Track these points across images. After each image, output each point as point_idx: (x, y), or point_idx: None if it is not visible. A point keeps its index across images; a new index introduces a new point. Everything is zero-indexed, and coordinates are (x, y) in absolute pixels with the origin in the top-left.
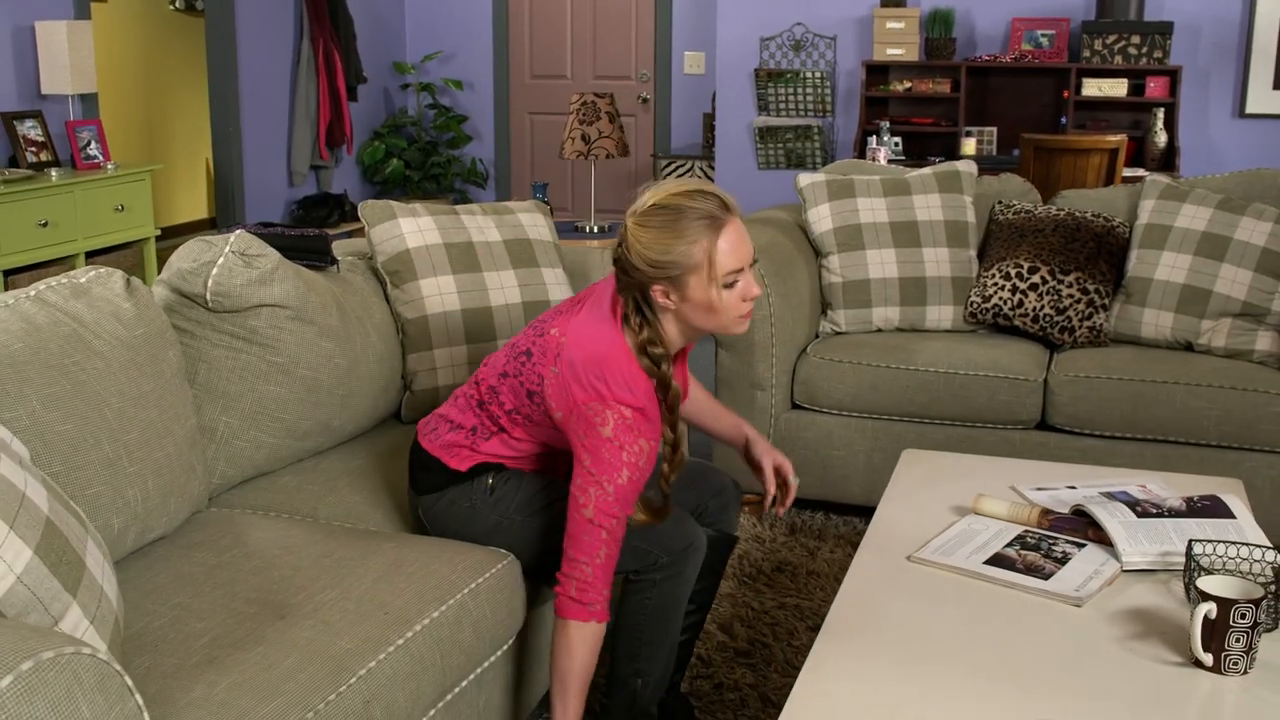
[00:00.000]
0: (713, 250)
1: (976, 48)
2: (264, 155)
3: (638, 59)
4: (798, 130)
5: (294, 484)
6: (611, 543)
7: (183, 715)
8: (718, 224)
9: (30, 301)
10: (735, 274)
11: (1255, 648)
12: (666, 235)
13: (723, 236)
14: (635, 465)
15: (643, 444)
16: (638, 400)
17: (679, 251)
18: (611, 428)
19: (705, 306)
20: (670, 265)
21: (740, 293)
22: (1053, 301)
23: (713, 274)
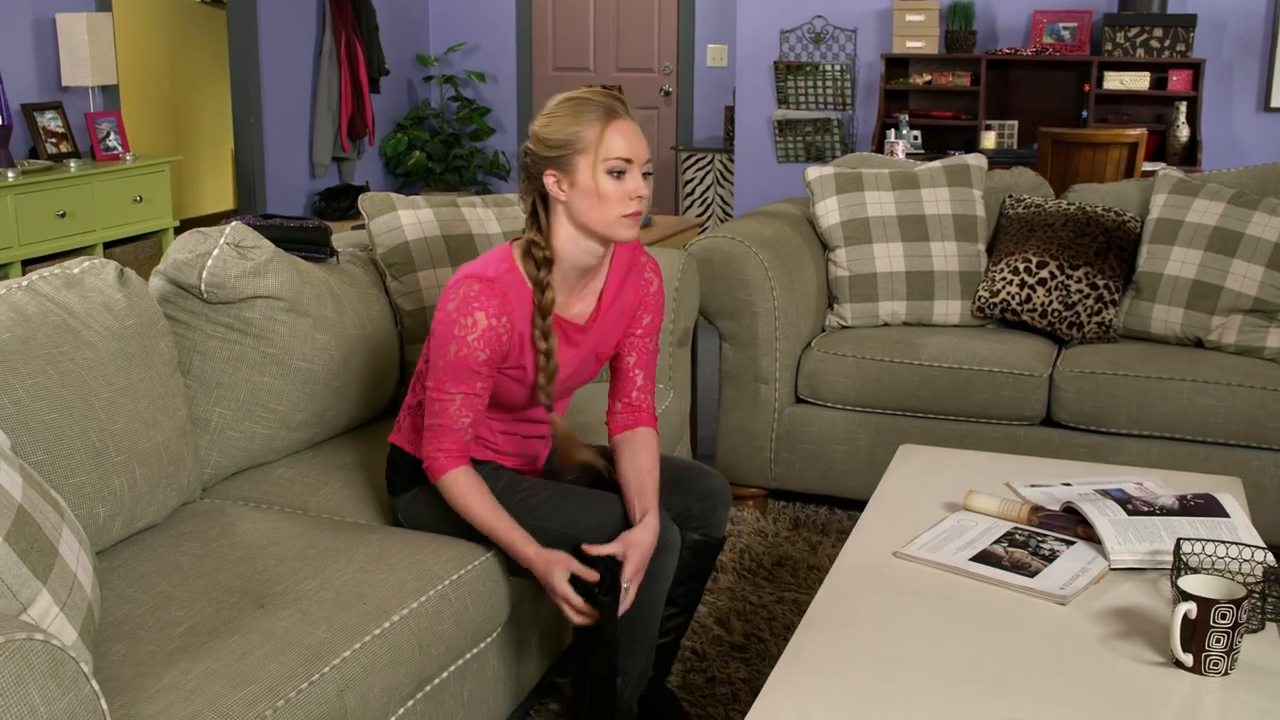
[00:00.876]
0: (604, 132)
1: (997, 41)
2: (286, 147)
3: (660, 51)
4: (817, 123)
5: (288, 476)
6: (444, 414)
7: (152, 702)
8: (613, 114)
9: (21, 291)
10: (623, 162)
11: (1237, 649)
12: (564, 117)
13: (615, 124)
14: (464, 340)
15: (479, 317)
16: (488, 272)
17: (572, 131)
18: (456, 304)
19: (591, 193)
20: (563, 145)
21: (625, 187)
22: (1061, 297)
23: (600, 154)
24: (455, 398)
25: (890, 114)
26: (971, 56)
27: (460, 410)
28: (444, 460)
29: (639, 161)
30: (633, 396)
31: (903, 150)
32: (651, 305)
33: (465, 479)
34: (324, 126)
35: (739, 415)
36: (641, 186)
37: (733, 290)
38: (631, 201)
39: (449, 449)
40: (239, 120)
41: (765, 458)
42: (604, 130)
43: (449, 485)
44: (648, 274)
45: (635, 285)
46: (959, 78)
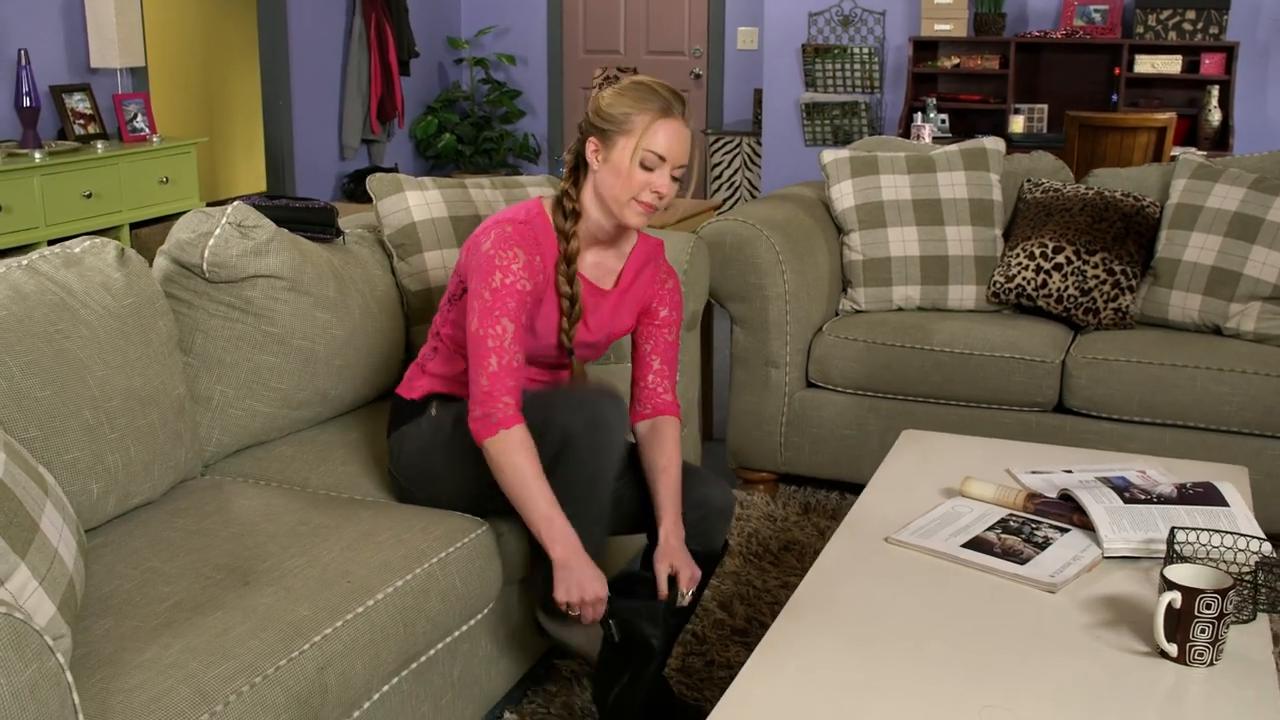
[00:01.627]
0: (651, 125)
1: (1028, 23)
2: (315, 129)
3: (691, 34)
4: (844, 106)
5: (289, 454)
6: (500, 350)
7: (130, 676)
8: (669, 112)
9: (21, 270)
10: (657, 159)
11: (1223, 639)
12: (625, 98)
13: (666, 122)
14: (508, 269)
15: (518, 252)
16: (519, 216)
17: (625, 113)
18: (491, 242)
19: (617, 172)
20: (612, 120)
21: (650, 180)
22: (1077, 282)
23: (639, 143)
24: (508, 329)
25: (918, 97)
26: (1001, 39)
27: (514, 345)
28: (507, 411)
29: (673, 163)
30: (648, 380)
31: (929, 134)
32: (669, 300)
33: (528, 440)
34: (353, 109)
35: (749, 399)
36: (665, 185)
37: (744, 274)
38: (649, 193)
39: (513, 394)
40: (268, 102)
41: (775, 442)
42: (653, 122)
43: (510, 447)
44: (664, 272)
45: (651, 278)
46: (988, 61)
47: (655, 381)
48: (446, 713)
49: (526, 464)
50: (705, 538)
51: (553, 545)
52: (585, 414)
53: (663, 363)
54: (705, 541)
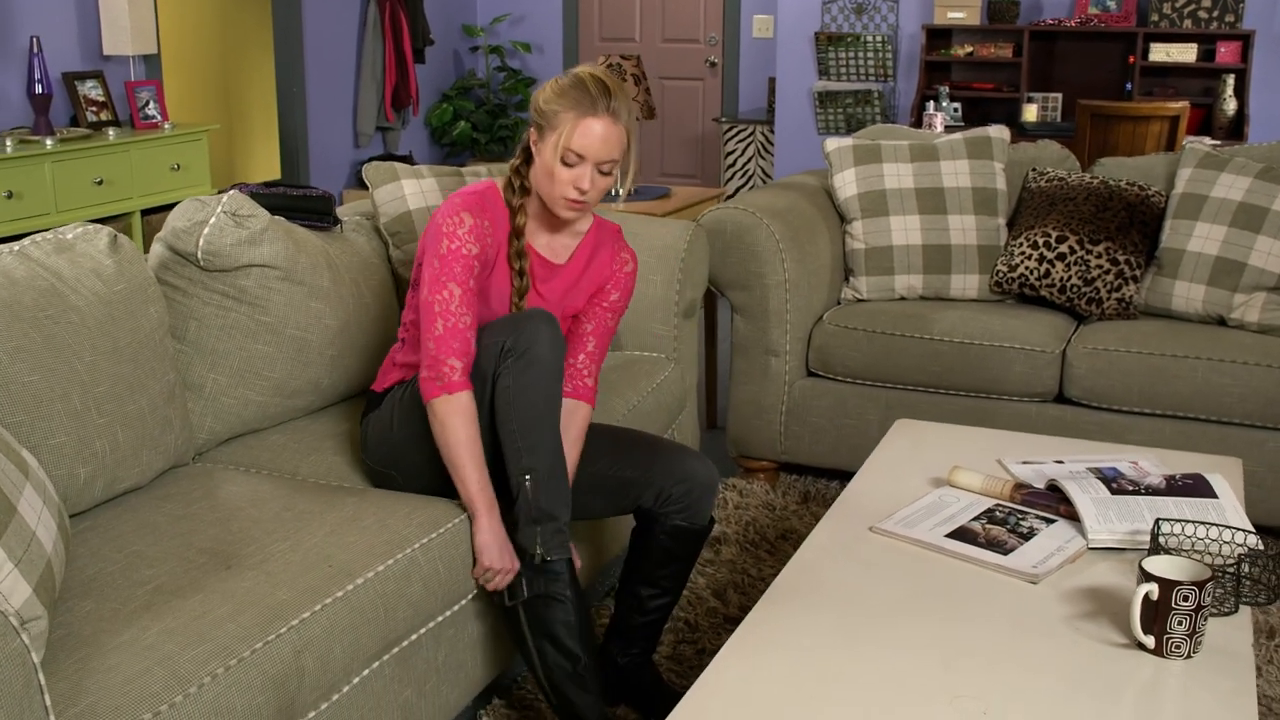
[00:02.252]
0: (574, 124)
1: (1042, 11)
2: (330, 116)
3: (706, 22)
4: (858, 95)
5: (280, 442)
6: (446, 314)
7: (107, 657)
8: (593, 111)
9: (12, 256)
10: (576, 157)
11: (1201, 631)
12: (557, 94)
13: (588, 122)
14: (454, 234)
15: (464, 217)
16: (471, 190)
17: (552, 110)
18: (443, 213)
19: (544, 168)
20: (544, 115)
21: (573, 178)
22: (1080, 272)
23: (560, 142)
24: (454, 292)
25: (931, 86)
26: (1014, 27)
27: (461, 308)
28: (455, 375)
29: (594, 161)
30: (579, 360)
31: (941, 122)
32: (622, 285)
33: (471, 407)
34: (368, 96)
35: (749, 388)
36: (586, 182)
37: (744, 262)
38: (573, 189)
39: (460, 356)
40: (282, 90)
41: (775, 431)
42: (575, 122)
43: (453, 409)
44: (624, 255)
45: (608, 259)
46: (1001, 49)
47: (585, 363)
48: (431, 697)
49: (464, 430)
50: (691, 513)
51: (478, 519)
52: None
53: (596, 345)
54: (691, 517)
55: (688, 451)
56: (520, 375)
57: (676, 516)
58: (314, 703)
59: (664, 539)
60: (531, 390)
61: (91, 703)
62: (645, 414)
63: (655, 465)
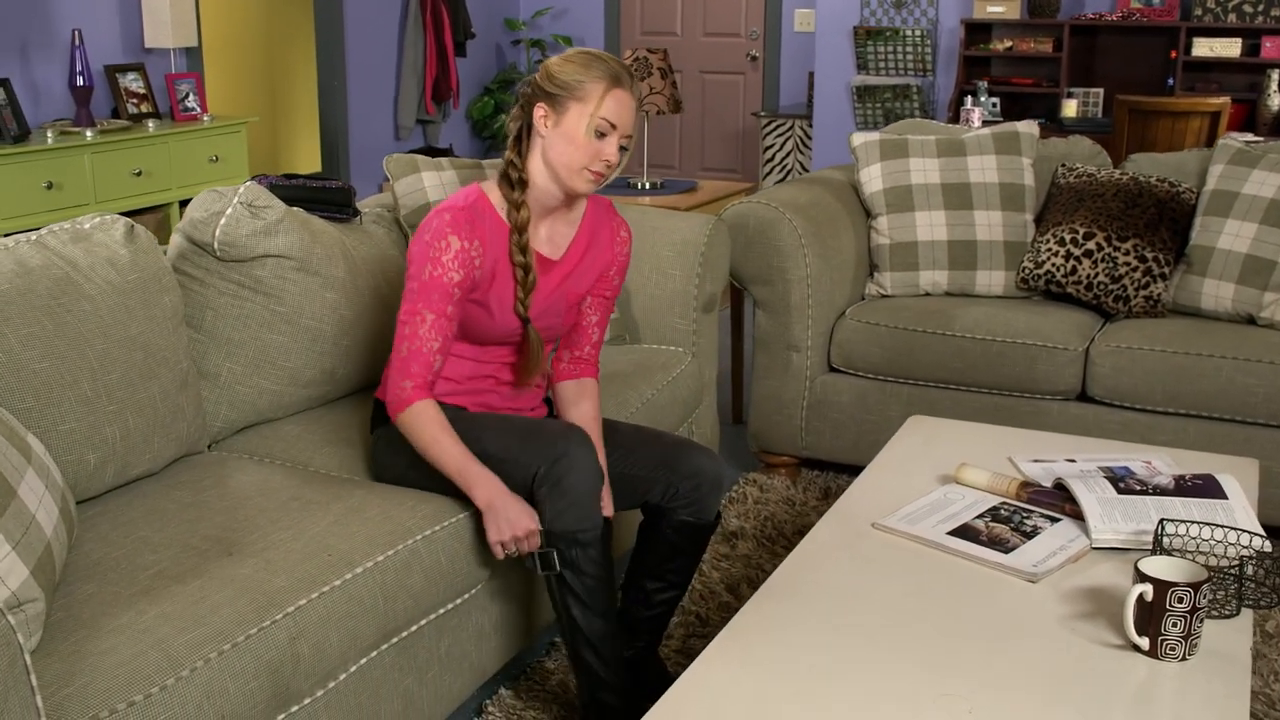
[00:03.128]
0: (606, 95)
1: (1084, 5)
2: (371, 109)
3: (748, 16)
4: (896, 89)
5: (294, 432)
6: (413, 338)
7: (103, 640)
8: (621, 81)
9: (29, 245)
10: (609, 127)
11: (1196, 633)
12: (577, 66)
13: (619, 90)
14: (438, 260)
15: (452, 240)
16: (458, 203)
17: (576, 80)
18: (430, 233)
19: (569, 138)
20: (565, 86)
21: (601, 147)
22: (1108, 269)
23: (593, 111)
24: (426, 319)
25: (970, 81)
26: (1055, 22)
27: (430, 333)
28: (410, 391)
29: (622, 131)
30: (585, 350)
31: (979, 118)
32: (620, 264)
33: (431, 410)
34: (409, 89)
35: (771, 383)
36: (614, 154)
37: (766, 256)
38: (599, 161)
39: (417, 378)
40: (323, 83)
41: (796, 426)
42: (607, 91)
43: (414, 417)
44: (622, 233)
45: (608, 240)
46: (1041, 44)
47: (590, 352)
48: (432, 686)
49: (432, 426)
50: (698, 508)
51: (474, 489)
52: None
53: (599, 329)
54: (698, 512)
55: (696, 447)
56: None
57: (684, 512)
58: (310, 689)
59: (670, 534)
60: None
61: (84, 684)
62: (660, 407)
63: (663, 461)
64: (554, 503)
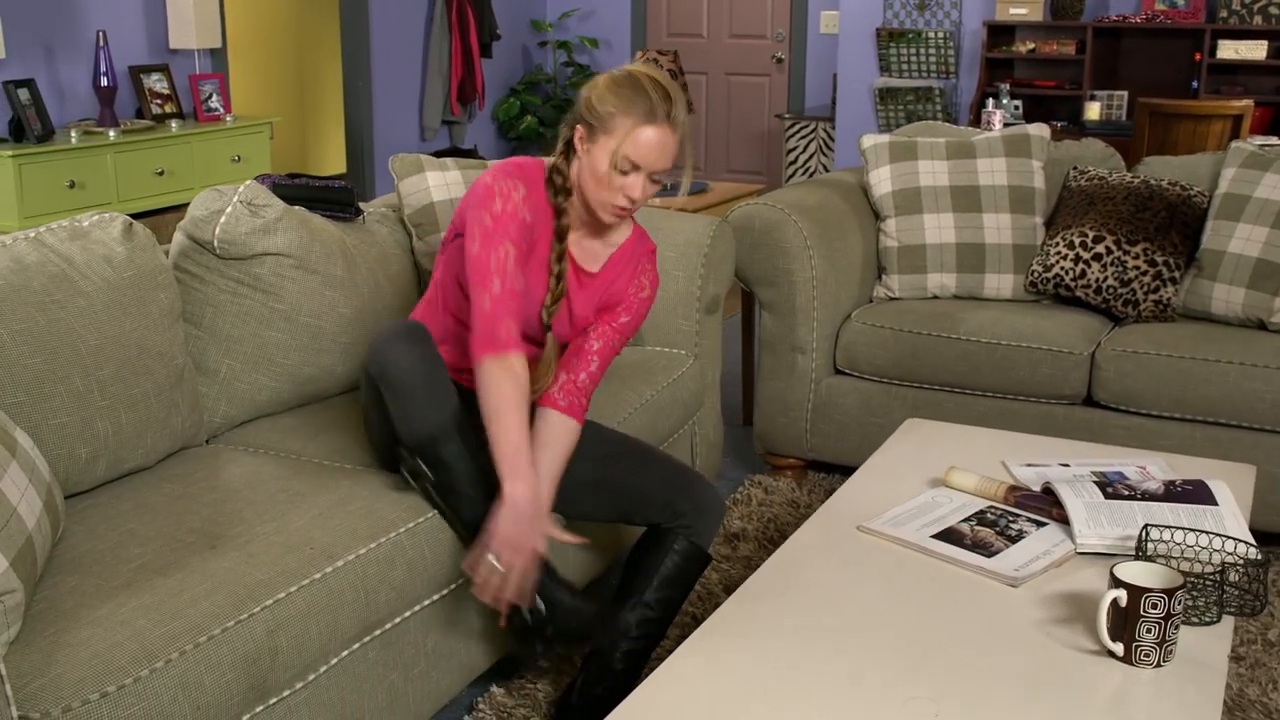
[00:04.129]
0: (632, 132)
1: (1108, 7)
2: (396, 110)
3: (774, 18)
4: (919, 92)
5: (292, 424)
6: (503, 273)
7: (81, 631)
8: (653, 119)
9: (26, 242)
10: (632, 166)
11: (1172, 640)
12: (613, 95)
13: (648, 130)
14: (509, 197)
15: (519, 184)
16: (529, 164)
17: (610, 113)
18: (491, 175)
19: (594, 171)
20: (597, 116)
21: (624, 186)
22: (1117, 273)
23: (616, 149)
24: (509, 251)
25: (992, 83)
26: (1078, 24)
27: (515, 270)
28: (507, 336)
29: (649, 171)
30: (580, 378)
31: (1000, 120)
32: (634, 310)
33: (520, 372)
34: (434, 90)
35: (776, 385)
36: (639, 191)
37: (771, 258)
38: (623, 198)
39: (513, 325)
40: (348, 83)
41: (801, 428)
42: (635, 129)
43: (502, 372)
44: (644, 279)
45: (630, 277)
46: (1064, 46)
47: (585, 383)
48: (419, 682)
49: (513, 393)
50: (697, 535)
51: (513, 480)
52: None
53: (599, 367)
54: (697, 538)
55: (700, 478)
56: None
57: (685, 537)
58: (288, 681)
59: (676, 557)
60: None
61: (59, 674)
62: (659, 408)
63: (676, 482)
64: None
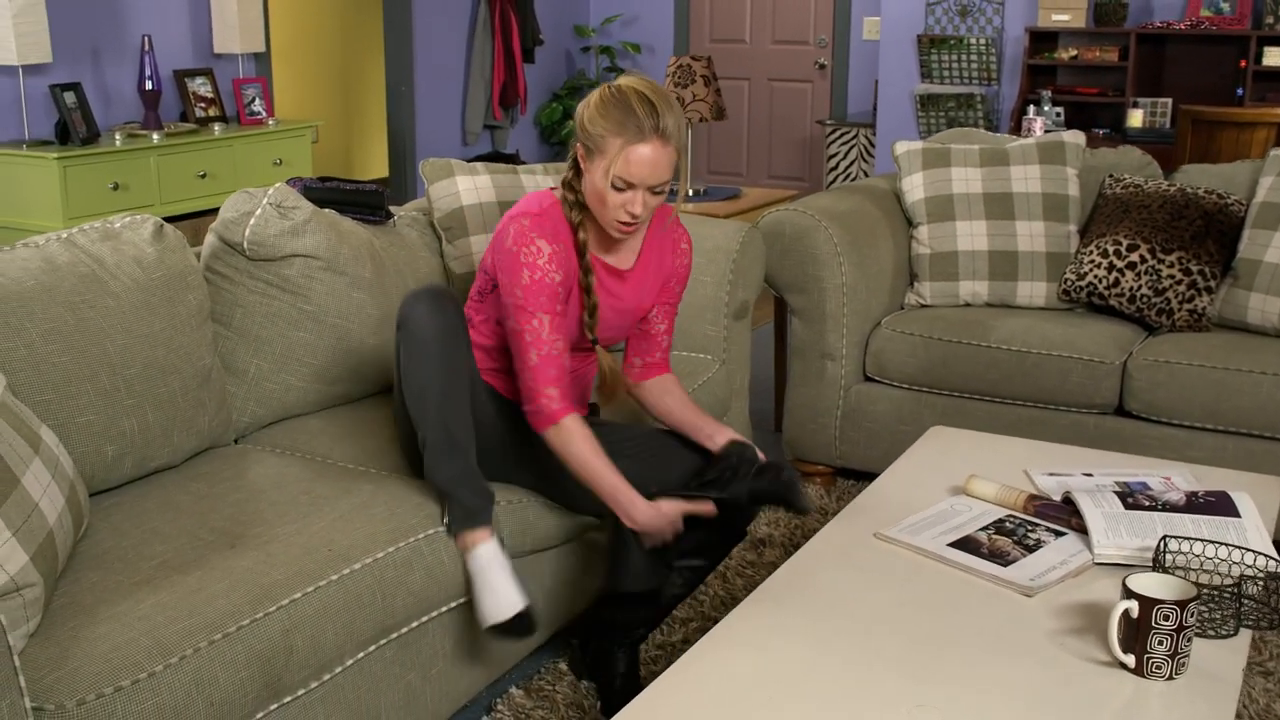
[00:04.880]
0: (623, 151)
1: (1153, 14)
2: (438, 114)
3: (817, 24)
4: (960, 98)
5: (319, 426)
6: (538, 344)
7: (99, 626)
8: (642, 137)
9: (59, 243)
10: (626, 184)
11: (1184, 652)
12: (602, 116)
13: (639, 148)
14: (535, 265)
15: (541, 245)
16: (533, 209)
17: (601, 135)
18: (512, 238)
19: (595, 190)
20: (590, 137)
21: (623, 202)
22: (1151, 282)
23: (608, 169)
24: (543, 322)
25: (1034, 90)
26: (1122, 30)
27: (552, 336)
28: (557, 404)
29: (644, 186)
30: (656, 356)
31: (1040, 127)
32: (682, 274)
33: (579, 429)
34: (476, 94)
35: (806, 391)
36: (639, 206)
37: (802, 264)
38: (624, 213)
39: (558, 389)
40: (391, 87)
41: (830, 435)
42: (625, 149)
43: (567, 435)
44: (683, 244)
45: (671, 249)
46: (1107, 53)
47: (662, 356)
48: (437, 683)
49: (585, 449)
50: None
51: (631, 513)
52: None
53: (668, 335)
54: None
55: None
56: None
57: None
58: (303, 680)
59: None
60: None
61: (75, 667)
62: None
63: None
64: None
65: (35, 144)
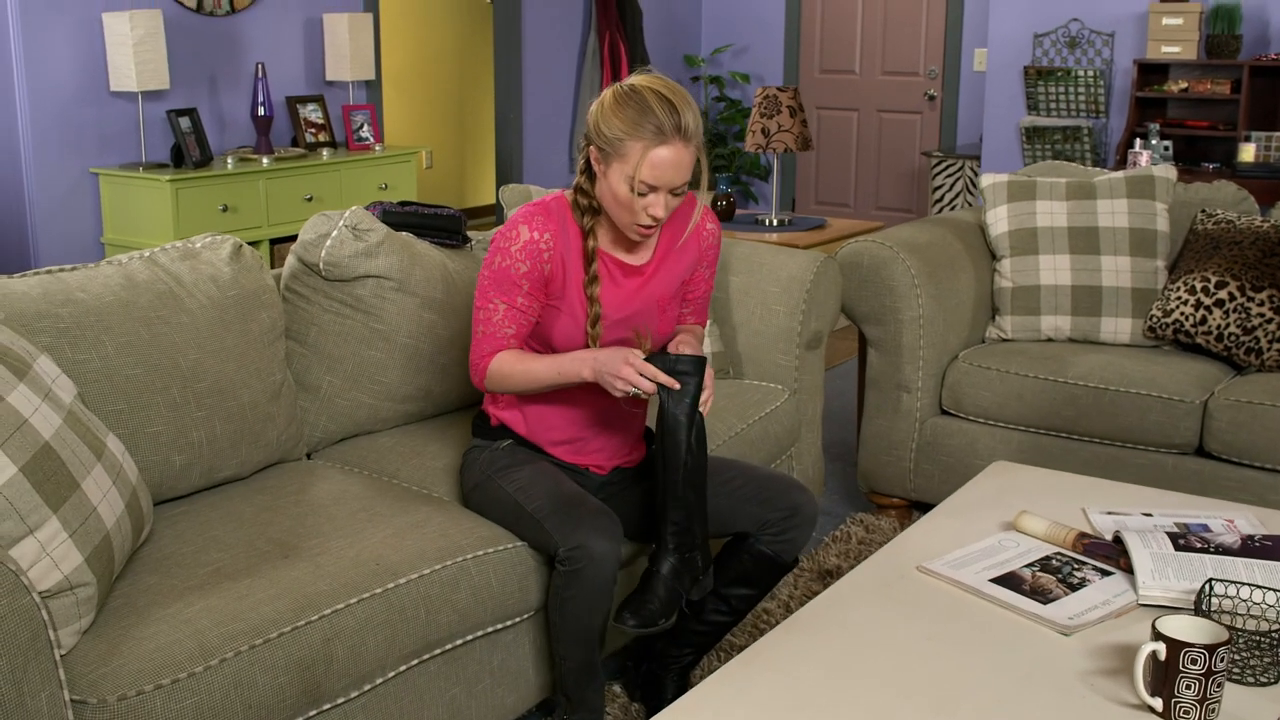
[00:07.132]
0: (644, 155)
1: (1269, 45)
2: (546, 141)
3: (926, 55)
4: (1066, 131)
5: (389, 444)
6: (488, 324)
7: (149, 625)
8: (662, 138)
9: (140, 261)
10: (649, 187)
11: (1214, 697)
12: (619, 118)
13: (660, 150)
14: (506, 250)
15: (522, 230)
16: (540, 202)
17: (619, 138)
18: (506, 225)
19: (614, 195)
20: (606, 141)
21: (645, 205)
22: (1240, 320)
23: (631, 174)
24: (499, 307)
25: (1142, 123)
26: (1234, 63)
27: (504, 321)
28: (484, 359)
29: (667, 188)
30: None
31: (1146, 161)
32: (710, 257)
33: (506, 356)
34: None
35: (881, 422)
36: (660, 209)
37: (879, 295)
38: (646, 217)
39: (475, 363)
40: (500, 115)
41: (905, 467)
42: (646, 152)
43: (495, 370)
44: (709, 226)
45: (695, 233)
46: (1219, 85)
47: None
48: (482, 699)
49: (515, 365)
50: (784, 545)
51: (583, 371)
52: (578, 539)
53: (696, 318)
54: (781, 549)
55: (794, 483)
56: (566, 589)
57: (767, 546)
58: (344, 689)
59: (747, 561)
60: (573, 603)
61: (120, 664)
62: (749, 441)
63: (761, 494)
64: (564, 588)
65: (151, 166)
